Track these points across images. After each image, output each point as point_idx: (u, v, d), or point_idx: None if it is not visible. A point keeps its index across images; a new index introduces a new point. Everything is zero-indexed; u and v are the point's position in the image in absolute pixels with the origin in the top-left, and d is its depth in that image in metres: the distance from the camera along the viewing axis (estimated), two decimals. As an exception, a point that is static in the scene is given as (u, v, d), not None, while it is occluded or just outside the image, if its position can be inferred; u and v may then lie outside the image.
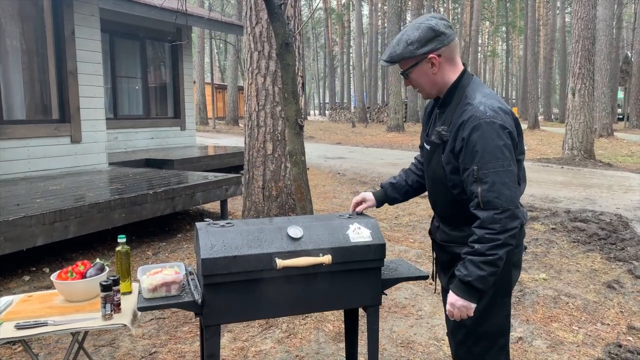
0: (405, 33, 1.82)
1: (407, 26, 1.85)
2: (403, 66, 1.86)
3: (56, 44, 6.77)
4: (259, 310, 1.98)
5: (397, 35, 1.85)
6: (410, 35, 1.80)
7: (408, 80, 1.90)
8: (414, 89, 1.92)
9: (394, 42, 1.84)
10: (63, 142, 6.85)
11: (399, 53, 1.81)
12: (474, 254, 1.69)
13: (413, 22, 1.84)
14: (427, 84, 1.87)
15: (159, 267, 2.04)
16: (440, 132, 1.82)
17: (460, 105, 1.79)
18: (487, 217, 1.67)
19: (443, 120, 1.86)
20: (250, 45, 5.06)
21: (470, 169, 1.71)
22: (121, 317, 1.98)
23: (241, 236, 1.94)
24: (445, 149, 1.81)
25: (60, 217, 4.32)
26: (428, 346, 3.19)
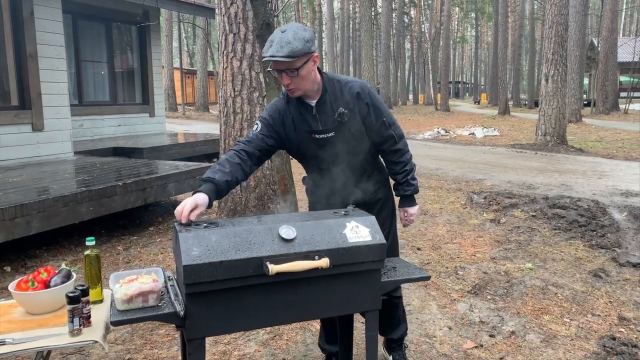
0: (296, 32, 2.00)
1: (291, 28, 2.03)
2: (298, 63, 2.01)
3: (14, 26, 6.31)
4: (248, 321, 1.78)
5: (285, 35, 1.98)
6: (303, 34, 2.01)
7: (292, 78, 2.04)
8: (292, 87, 2.08)
9: (289, 39, 1.97)
10: (24, 130, 6.44)
11: (300, 48, 1.98)
12: (410, 172, 2.36)
13: (293, 25, 2.05)
14: (309, 81, 2.10)
15: (134, 274, 1.81)
16: (343, 112, 2.15)
17: (341, 88, 2.19)
18: (403, 145, 2.34)
19: (330, 107, 2.16)
20: (224, 27, 4.78)
21: (381, 120, 2.25)
22: (92, 332, 1.75)
23: (227, 238, 1.73)
24: (353, 121, 2.19)
25: (21, 212, 4.00)
26: (420, 344, 3.05)
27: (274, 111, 2.22)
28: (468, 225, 5.69)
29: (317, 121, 2.19)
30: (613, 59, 24.50)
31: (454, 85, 60.27)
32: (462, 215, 6.14)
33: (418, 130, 18.76)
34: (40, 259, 4.47)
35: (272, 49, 1.97)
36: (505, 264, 4.44)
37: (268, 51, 1.98)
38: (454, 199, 6.95)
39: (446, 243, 5.07)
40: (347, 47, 46.31)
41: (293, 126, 2.20)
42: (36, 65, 6.46)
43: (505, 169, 9.45)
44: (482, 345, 3.05)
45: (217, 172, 1.99)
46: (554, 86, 12.14)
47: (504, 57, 27.68)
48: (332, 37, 38.22)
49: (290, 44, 1.96)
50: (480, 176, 8.70)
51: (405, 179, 2.35)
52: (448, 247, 4.92)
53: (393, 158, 2.34)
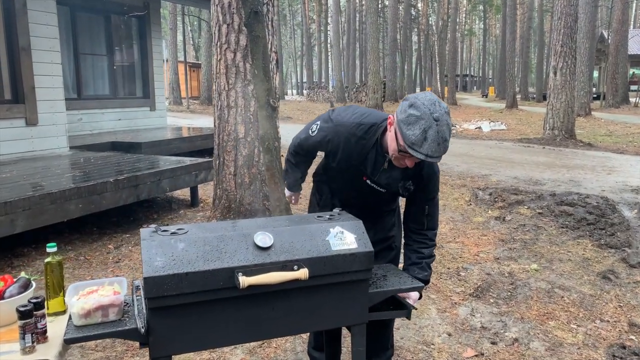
0: (448, 123, 1.79)
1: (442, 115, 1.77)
2: None
3: (5, 17, 6.16)
4: (218, 338, 1.61)
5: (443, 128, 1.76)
6: (449, 123, 1.81)
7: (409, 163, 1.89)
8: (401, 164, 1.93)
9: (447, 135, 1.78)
10: (17, 125, 6.29)
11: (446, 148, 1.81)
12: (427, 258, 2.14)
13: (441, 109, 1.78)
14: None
15: (94, 285, 1.65)
16: (407, 187, 2.05)
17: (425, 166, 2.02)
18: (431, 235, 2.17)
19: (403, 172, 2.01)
20: (218, 17, 4.59)
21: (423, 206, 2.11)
22: (47, 349, 1.59)
23: (195, 247, 1.56)
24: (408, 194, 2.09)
25: (5, 210, 3.86)
26: (417, 352, 2.88)
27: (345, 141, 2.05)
28: (472, 223, 5.50)
29: (382, 174, 2.05)
30: (623, 51, 24.04)
31: (462, 78, 59.73)
32: (466, 212, 5.95)
33: (424, 124, 18.48)
34: (28, 257, 4.33)
35: (427, 146, 1.74)
36: (509, 265, 4.25)
37: (422, 147, 1.74)
38: (458, 196, 6.75)
39: (448, 242, 4.88)
40: (354, 40, 45.92)
41: (352, 155, 2.05)
42: (29, 58, 6.30)
43: (512, 164, 9.22)
44: (482, 354, 2.87)
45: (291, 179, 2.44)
46: (563, 79, 11.85)
47: (512, 50, 27.27)
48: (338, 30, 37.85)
49: (445, 143, 1.77)
50: (486, 171, 8.49)
51: (420, 261, 2.12)
52: (450, 247, 4.74)
53: (414, 237, 2.16)
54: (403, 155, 1.86)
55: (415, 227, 2.14)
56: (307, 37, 49.95)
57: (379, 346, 2.35)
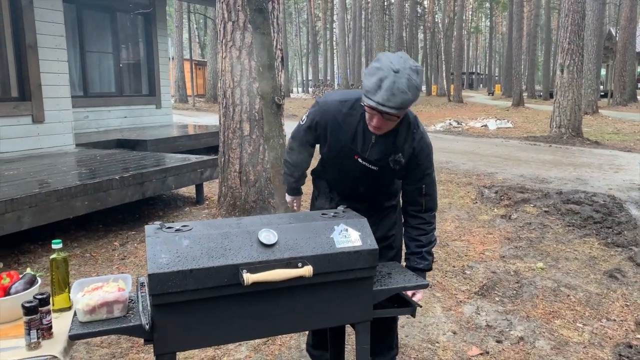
0: (411, 78, 1.73)
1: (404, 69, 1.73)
2: (402, 113, 1.81)
3: (12, 15, 6.19)
4: (222, 334, 1.62)
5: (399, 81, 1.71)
6: (416, 80, 1.76)
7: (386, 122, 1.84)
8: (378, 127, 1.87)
9: (403, 87, 1.71)
10: (24, 122, 6.33)
11: (412, 99, 1.76)
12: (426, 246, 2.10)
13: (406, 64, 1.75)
14: (389, 127, 1.91)
15: (99, 282, 1.65)
16: (399, 160, 1.98)
17: (408, 134, 1.98)
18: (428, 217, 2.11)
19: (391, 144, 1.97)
20: (223, 14, 4.59)
21: (419, 185, 2.06)
22: (52, 345, 1.60)
23: (200, 244, 1.56)
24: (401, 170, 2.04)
25: (12, 206, 3.88)
26: (422, 350, 2.87)
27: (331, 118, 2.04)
28: (478, 221, 5.47)
29: (371, 149, 2.01)
30: (631, 49, 23.85)
31: (468, 76, 59.48)
32: (472, 210, 5.92)
33: (430, 122, 18.45)
34: (34, 254, 4.35)
35: (380, 94, 1.70)
36: (515, 263, 4.23)
37: (375, 95, 1.71)
38: (463, 194, 6.73)
39: (454, 240, 4.87)
40: (359, 37, 45.82)
41: (340, 134, 2.02)
42: (36, 55, 6.33)
43: (518, 162, 9.18)
44: (487, 352, 2.86)
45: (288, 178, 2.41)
46: (570, 77, 11.78)
47: (518, 48, 27.11)
48: (344, 27, 37.82)
49: (404, 95, 1.71)
50: (492, 170, 8.45)
51: (419, 250, 2.09)
52: (456, 245, 4.72)
53: (413, 222, 2.11)
54: (369, 113, 1.84)
55: (413, 209, 2.10)
56: (312, 35, 49.92)
57: (383, 346, 2.33)
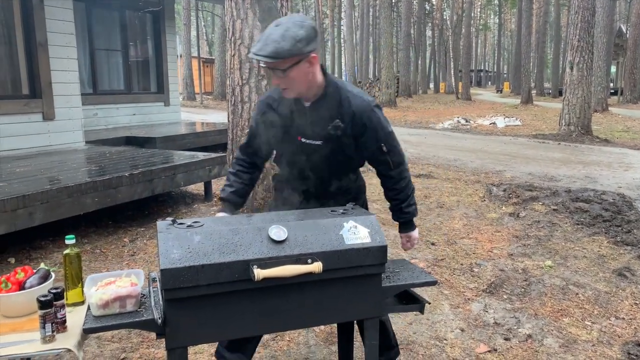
0: (288, 29, 1.78)
1: (286, 23, 1.81)
2: (283, 64, 1.81)
3: (23, 13, 6.24)
4: (233, 329, 1.64)
5: (275, 32, 1.79)
6: (296, 32, 1.78)
7: (281, 79, 1.87)
8: (282, 87, 1.92)
9: (277, 37, 1.77)
10: (34, 120, 6.38)
11: (288, 49, 1.77)
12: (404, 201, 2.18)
13: (290, 20, 1.83)
14: (303, 84, 1.91)
15: (112, 277, 1.68)
16: (338, 125, 1.96)
17: (341, 98, 1.98)
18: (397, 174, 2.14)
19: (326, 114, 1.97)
20: (232, 12, 4.61)
21: (377, 145, 2.05)
22: (66, 338, 1.62)
23: (211, 240, 1.58)
24: (342, 139, 1.99)
25: (23, 203, 3.93)
26: (429, 347, 2.88)
27: (263, 106, 2.09)
28: (486, 219, 5.46)
29: (308, 124, 2.00)
30: (642, 46, 23.61)
31: (476, 73, 59.20)
32: (480, 208, 5.91)
33: (438, 119, 18.40)
34: (46, 250, 4.41)
35: (258, 45, 1.79)
36: (523, 261, 4.22)
37: (254, 48, 1.80)
38: (472, 192, 6.71)
39: (462, 238, 4.86)
40: (367, 35, 45.69)
41: (281, 125, 2.03)
42: (46, 53, 6.38)
43: (527, 160, 9.14)
44: (495, 350, 2.87)
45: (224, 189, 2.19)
46: (579, 74, 11.70)
47: (527, 45, 26.94)
48: (352, 24, 37.73)
49: (276, 43, 1.76)
50: (500, 167, 8.43)
51: (398, 207, 2.20)
52: (464, 243, 4.72)
53: (387, 183, 2.19)
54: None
55: (382, 169, 2.13)
56: (320, 32, 49.85)
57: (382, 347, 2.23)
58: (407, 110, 23.21)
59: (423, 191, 6.71)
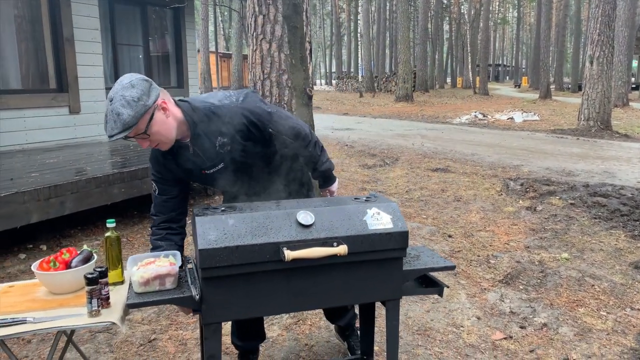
0: (123, 97, 1.75)
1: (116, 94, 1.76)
2: (141, 126, 1.78)
3: (51, 10, 6.44)
4: (264, 306, 1.76)
5: (113, 107, 1.74)
6: (131, 94, 1.75)
7: (147, 139, 1.83)
8: (154, 146, 1.88)
9: (117, 111, 1.73)
10: (61, 113, 6.59)
11: (134, 114, 1.74)
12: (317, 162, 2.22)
13: (119, 88, 1.78)
14: (168, 131, 1.86)
15: (151, 257, 1.80)
16: (224, 143, 1.96)
17: (209, 118, 1.94)
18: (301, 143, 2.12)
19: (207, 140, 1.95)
20: (254, 8, 4.72)
21: (266, 132, 2.01)
22: (110, 313, 1.76)
23: (244, 223, 1.70)
24: (238, 145, 1.98)
25: (55, 192, 4.10)
26: (446, 333, 2.98)
27: (156, 164, 2.05)
28: (502, 213, 5.52)
29: (200, 158, 1.99)
30: (665, 39, 23.21)
31: (494, 68, 58.62)
32: (497, 202, 5.96)
33: (455, 114, 18.35)
34: (74, 238, 4.59)
35: (107, 127, 1.75)
36: (539, 253, 4.28)
37: (106, 131, 1.77)
38: (489, 186, 6.75)
39: (479, 231, 4.93)
40: (384, 29, 45.54)
41: (180, 169, 2.02)
42: (73, 48, 6.58)
43: (544, 155, 9.13)
44: (511, 337, 2.95)
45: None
46: (599, 69, 11.59)
47: (547, 39, 26.64)
48: (369, 19, 37.61)
49: (120, 116, 1.73)
50: (518, 162, 8.43)
51: (314, 168, 2.24)
52: (480, 235, 4.79)
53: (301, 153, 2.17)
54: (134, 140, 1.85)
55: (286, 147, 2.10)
56: (336, 27, 49.79)
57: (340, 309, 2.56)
58: (424, 105, 23.15)
59: (440, 185, 6.77)
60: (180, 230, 2.10)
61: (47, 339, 2.89)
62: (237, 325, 2.45)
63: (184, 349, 2.79)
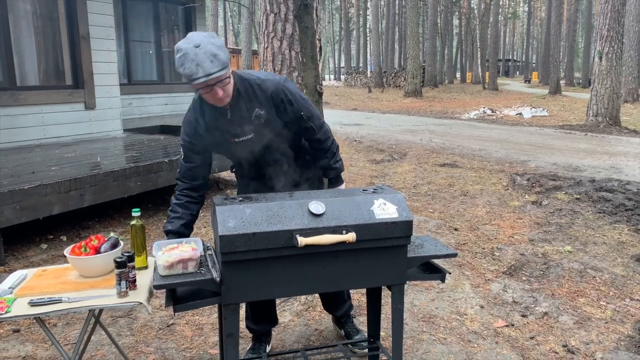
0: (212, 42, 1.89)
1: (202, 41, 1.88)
2: (228, 72, 1.94)
3: (67, 7, 6.61)
4: (278, 289, 1.90)
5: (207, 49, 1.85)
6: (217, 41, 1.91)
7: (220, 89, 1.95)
8: (224, 97, 1.99)
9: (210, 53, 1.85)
10: (77, 109, 6.77)
11: (227, 57, 1.90)
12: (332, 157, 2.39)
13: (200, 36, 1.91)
14: (231, 87, 2.03)
15: (175, 243, 1.95)
16: (259, 114, 2.12)
17: (253, 89, 2.11)
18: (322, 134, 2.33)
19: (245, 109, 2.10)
20: (265, 6, 4.84)
21: (298, 115, 2.21)
22: (137, 295, 1.91)
23: (260, 212, 1.84)
24: (272, 119, 2.16)
25: (75, 185, 4.28)
26: (450, 321, 3.11)
27: (189, 128, 2.16)
28: (508, 207, 5.62)
29: (234, 125, 2.12)
30: (677, 34, 22.98)
31: (504, 63, 58.30)
32: (503, 196, 6.06)
33: (464, 109, 18.38)
34: (93, 229, 4.76)
35: (203, 68, 1.84)
36: (543, 246, 4.39)
37: (198, 72, 1.84)
38: (495, 180, 6.85)
39: (484, 224, 5.04)
40: (393, 24, 45.46)
41: (210, 134, 2.14)
42: (88, 46, 6.75)
43: (552, 151, 9.19)
44: (513, 325, 3.07)
45: (172, 221, 2.17)
46: (608, 64, 11.60)
47: (557, 34, 26.49)
48: (378, 13, 37.57)
49: (217, 57, 1.86)
50: (525, 158, 8.51)
51: (328, 164, 2.39)
52: (486, 228, 4.90)
53: (316, 145, 2.37)
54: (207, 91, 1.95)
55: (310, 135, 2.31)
56: (345, 22, 49.75)
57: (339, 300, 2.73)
58: (432, 101, 23.17)
59: (447, 180, 6.88)
60: (199, 200, 2.23)
61: (71, 322, 3.06)
62: (252, 310, 2.60)
63: (200, 333, 2.95)
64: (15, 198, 3.84)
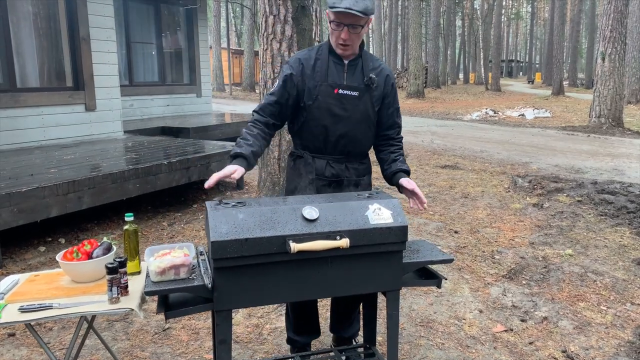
0: None
1: None
2: (363, 21, 2.06)
3: (68, 9, 6.60)
4: (271, 295, 1.87)
5: None
6: None
7: (351, 34, 2.08)
8: (348, 43, 2.11)
9: None
10: (77, 110, 6.76)
11: (372, 8, 2.05)
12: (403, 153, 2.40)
13: None
14: (359, 41, 2.18)
15: (167, 248, 1.93)
16: (373, 78, 2.22)
17: (374, 62, 2.29)
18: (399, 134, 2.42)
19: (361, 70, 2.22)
20: (265, 8, 4.83)
21: (395, 106, 2.36)
22: (128, 301, 1.89)
23: (253, 217, 1.81)
24: (374, 93, 2.25)
25: (73, 188, 4.26)
26: (448, 325, 3.08)
27: (298, 61, 2.23)
28: (509, 209, 5.59)
29: (347, 75, 2.21)
30: (681, 35, 22.86)
31: (507, 64, 58.13)
32: (504, 199, 6.03)
33: (466, 110, 18.33)
34: (91, 232, 4.75)
35: (347, 1, 1.99)
36: (544, 250, 4.36)
37: (342, 2, 1.99)
38: (497, 182, 6.82)
39: (485, 227, 5.01)
40: (395, 25, 45.38)
41: (315, 76, 2.19)
42: (89, 47, 6.74)
43: (554, 152, 9.15)
44: (512, 329, 3.04)
45: (242, 145, 2.12)
46: (611, 65, 11.54)
47: (560, 34, 26.39)
48: (380, 14, 37.59)
49: (365, 1, 2.01)
50: (527, 159, 8.47)
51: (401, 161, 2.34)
52: (486, 231, 4.87)
53: (394, 143, 2.39)
54: (336, 29, 2.08)
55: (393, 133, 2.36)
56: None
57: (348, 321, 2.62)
58: (435, 101, 23.12)
59: (448, 182, 6.85)
60: (268, 139, 2.24)
61: (67, 326, 3.04)
62: (295, 319, 2.54)
63: (196, 337, 2.93)
64: (13, 201, 3.83)
